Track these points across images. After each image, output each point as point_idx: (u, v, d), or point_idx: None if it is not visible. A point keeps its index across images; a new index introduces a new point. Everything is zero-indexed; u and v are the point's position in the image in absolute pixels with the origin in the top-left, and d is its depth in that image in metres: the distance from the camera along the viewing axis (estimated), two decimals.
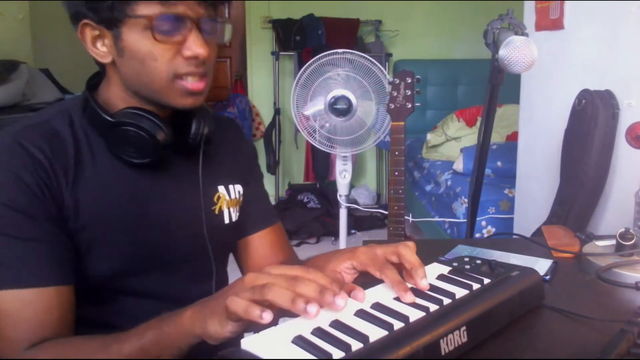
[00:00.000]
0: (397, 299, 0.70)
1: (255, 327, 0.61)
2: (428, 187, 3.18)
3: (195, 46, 0.78)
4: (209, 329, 0.63)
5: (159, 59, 0.78)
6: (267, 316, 0.59)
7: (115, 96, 0.85)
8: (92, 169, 0.82)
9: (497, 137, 3.15)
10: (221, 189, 0.96)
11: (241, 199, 1.00)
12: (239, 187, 0.99)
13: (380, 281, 0.74)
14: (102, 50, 0.81)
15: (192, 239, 0.90)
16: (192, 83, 0.81)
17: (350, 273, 0.78)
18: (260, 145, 4.29)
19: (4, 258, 0.74)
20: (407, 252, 0.74)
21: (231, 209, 0.97)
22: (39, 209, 0.76)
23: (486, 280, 0.76)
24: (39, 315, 0.74)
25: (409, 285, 0.72)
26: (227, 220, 0.96)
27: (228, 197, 0.96)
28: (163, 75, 0.79)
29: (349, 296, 0.68)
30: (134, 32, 0.77)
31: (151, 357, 0.68)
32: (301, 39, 4.06)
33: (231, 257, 1.06)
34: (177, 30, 0.78)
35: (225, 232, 0.96)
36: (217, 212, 0.94)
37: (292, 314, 0.62)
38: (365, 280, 0.76)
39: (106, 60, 0.82)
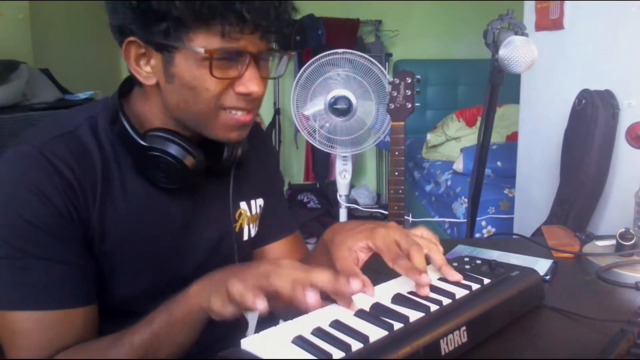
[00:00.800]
0: (397, 298, 0.70)
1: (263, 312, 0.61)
2: (428, 187, 3.18)
3: (251, 84, 0.74)
4: (212, 305, 0.63)
5: (211, 91, 0.73)
6: (261, 304, 0.59)
7: (151, 114, 0.80)
8: (119, 189, 0.78)
9: (497, 137, 3.15)
10: (243, 205, 0.93)
11: (260, 213, 0.98)
12: (260, 202, 0.97)
13: (380, 281, 0.74)
14: (145, 70, 0.76)
15: (217, 260, 0.87)
16: (240, 116, 0.77)
17: (365, 252, 0.76)
18: None
19: (24, 278, 0.71)
20: (433, 250, 0.75)
21: (251, 225, 0.95)
22: (64, 229, 0.73)
23: (486, 280, 0.76)
24: (53, 337, 0.72)
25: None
26: (246, 237, 0.94)
27: (249, 213, 0.94)
28: (211, 105, 0.75)
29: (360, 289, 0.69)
30: (188, 61, 0.72)
31: (163, 341, 0.68)
32: (301, 39, 4.06)
33: None
34: (235, 64, 0.73)
35: (244, 250, 0.94)
36: (237, 229, 0.92)
37: (293, 315, 0.62)
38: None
39: (150, 82, 0.76)
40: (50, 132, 0.76)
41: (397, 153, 1.69)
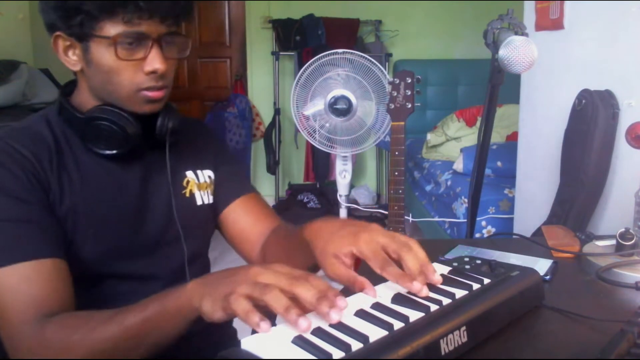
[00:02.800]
0: (397, 298, 0.70)
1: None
2: (428, 187, 3.18)
3: (155, 62, 0.86)
4: (203, 308, 0.67)
5: (122, 74, 0.87)
6: (265, 326, 0.59)
7: (86, 100, 0.93)
8: (71, 161, 0.90)
9: (497, 137, 3.15)
10: (189, 173, 1.03)
11: (213, 183, 1.07)
12: (208, 172, 1.06)
13: (380, 281, 0.74)
14: (72, 59, 0.90)
15: (164, 222, 0.98)
16: (152, 92, 0.89)
17: (350, 258, 0.75)
18: (260, 145, 4.29)
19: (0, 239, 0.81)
20: (415, 249, 0.74)
21: (202, 192, 1.04)
22: (30, 194, 0.84)
23: (486, 280, 0.76)
24: (39, 288, 0.79)
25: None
26: (199, 202, 1.03)
27: (197, 181, 1.04)
28: (126, 88, 0.88)
29: (361, 292, 0.70)
30: (100, 47, 0.85)
31: (152, 328, 0.72)
32: (301, 39, 4.06)
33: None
34: (139, 47, 0.86)
35: (199, 213, 1.03)
36: (187, 194, 1.02)
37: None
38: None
39: (76, 68, 0.91)
40: (11, 128, 0.91)
41: (397, 153, 1.69)
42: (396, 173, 1.69)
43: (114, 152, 0.91)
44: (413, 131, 3.33)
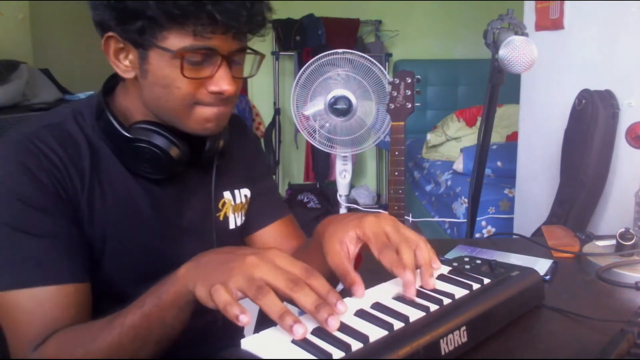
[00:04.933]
0: (397, 298, 0.70)
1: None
2: (428, 187, 3.18)
3: (222, 83, 0.76)
4: (197, 292, 0.63)
5: (182, 90, 0.76)
6: (244, 319, 0.57)
7: (134, 107, 0.83)
8: (106, 178, 0.81)
9: (497, 137, 3.15)
10: (227, 194, 0.95)
11: (247, 203, 0.99)
12: (245, 191, 0.98)
13: (378, 281, 0.74)
14: (124, 64, 0.79)
15: (197, 246, 0.88)
16: (214, 109, 0.79)
17: (355, 243, 0.74)
18: None
19: (19, 255, 0.73)
20: (421, 247, 0.72)
21: (236, 214, 0.97)
22: (55, 206, 0.75)
23: (486, 280, 0.76)
24: (53, 313, 0.73)
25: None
26: (232, 226, 0.96)
27: (233, 202, 0.96)
28: (185, 102, 0.77)
29: (350, 288, 0.68)
30: (162, 59, 0.74)
31: (153, 322, 0.68)
32: (301, 39, 4.05)
33: None
34: (206, 64, 0.76)
35: (230, 237, 0.96)
36: (221, 218, 0.95)
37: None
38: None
39: (128, 75, 0.79)
40: (36, 124, 0.80)
41: (397, 153, 1.69)
42: (396, 173, 1.69)
43: (159, 177, 0.83)
44: (413, 131, 3.33)
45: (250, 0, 0.74)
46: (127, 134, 0.80)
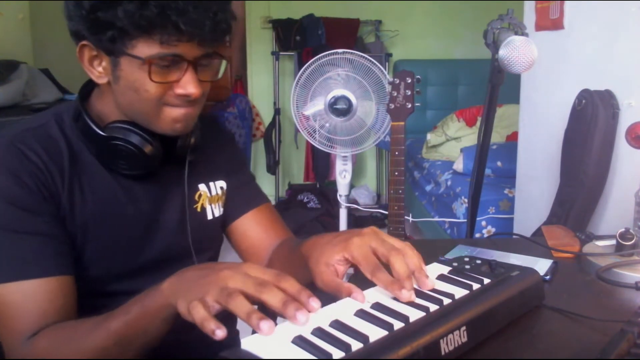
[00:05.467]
0: (397, 299, 0.70)
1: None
2: (428, 187, 3.18)
3: (189, 86, 0.81)
4: (179, 308, 0.66)
5: (151, 92, 0.81)
6: (220, 333, 0.60)
7: (109, 110, 0.88)
8: (85, 177, 0.86)
9: (497, 137, 3.15)
10: (202, 186, 1.00)
11: (224, 194, 1.04)
12: (221, 183, 1.03)
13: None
14: (97, 70, 0.84)
15: (175, 238, 0.95)
16: (182, 109, 0.84)
17: (343, 264, 0.76)
18: (260, 145, 4.28)
19: (7, 252, 0.79)
20: (407, 253, 0.73)
21: (213, 205, 1.01)
22: (39, 206, 0.80)
23: (486, 280, 0.76)
24: (42, 305, 0.78)
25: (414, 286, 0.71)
26: (210, 217, 1.01)
27: (209, 194, 1.01)
28: (154, 104, 0.82)
29: (349, 297, 0.69)
30: (132, 65, 0.80)
31: (136, 331, 0.71)
32: (301, 39, 4.06)
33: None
34: (173, 70, 0.81)
35: (209, 228, 1.01)
36: (199, 209, 0.99)
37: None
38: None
39: (102, 81, 0.85)
40: (20, 127, 0.86)
41: (397, 153, 1.69)
42: (396, 173, 1.69)
43: (135, 173, 0.88)
44: (413, 131, 3.33)
45: (213, 11, 0.78)
46: (102, 133, 0.85)
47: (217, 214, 1.02)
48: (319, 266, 0.76)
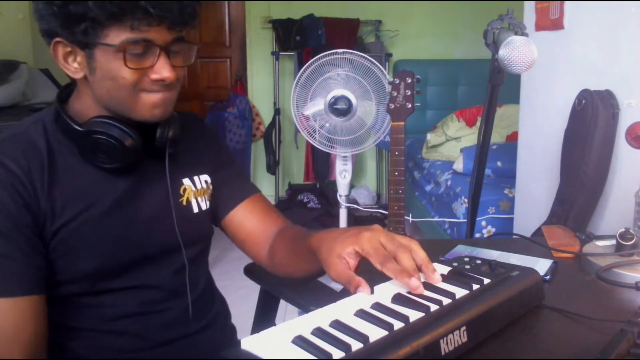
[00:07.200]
0: (397, 298, 0.70)
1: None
2: (428, 187, 3.18)
3: (163, 71, 0.83)
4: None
5: (128, 79, 0.83)
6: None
7: (86, 107, 0.89)
8: (65, 174, 0.87)
9: (497, 137, 3.15)
10: (186, 181, 1.01)
11: (210, 188, 1.04)
12: (205, 177, 1.04)
13: (379, 281, 0.74)
14: (73, 66, 0.86)
15: (162, 233, 0.96)
16: (156, 95, 0.86)
17: (354, 258, 0.78)
18: (260, 145, 4.28)
19: None
20: (414, 249, 0.76)
21: (199, 199, 1.02)
22: (11, 224, 0.80)
23: (486, 280, 0.76)
24: (11, 325, 0.79)
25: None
26: (196, 210, 1.01)
27: (194, 188, 1.01)
28: (131, 91, 0.84)
29: (356, 291, 0.73)
30: (107, 55, 0.81)
31: None
32: (301, 39, 4.05)
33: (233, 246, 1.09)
34: (146, 55, 0.83)
35: (196, 221, 1.01)
36: (184, 203, 1.00)
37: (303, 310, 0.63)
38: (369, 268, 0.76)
39: (78, 75, 0.86)
40: (4, 135, 0.88)
41: (397, 153, 1.69)
42: (396, 173, 1.69)
43: (115, 166, 0.89)
44: (413, 131, 3.32)
45: None
46: (81, 129, 0.87)
47: (203, 207, 1.02)
48: (331, 258, 0.78)
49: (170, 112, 0.90)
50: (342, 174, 2.71)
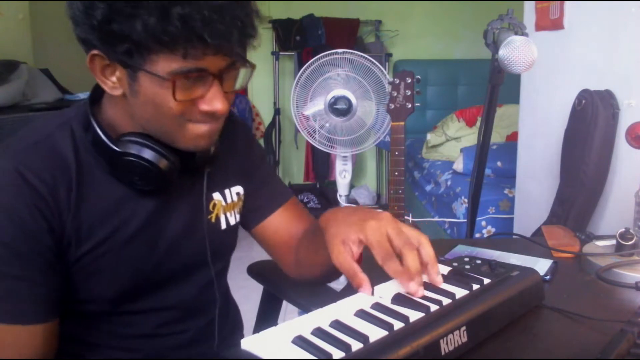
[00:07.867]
0: (397, 298, 0.70)
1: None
2: (428, 187, 3.18)
3: (215, 103, 0.74)
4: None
5: (174, 110, 0.74)
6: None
7: (121, 119, 0.81)
8: (93, 190, 0.79)
9: (497, 137, 3.15)
10: (216, 195, 0.94)
11: (241, 199, 0.98)
12: (237, 189, 0.97)
13: (380, 281, 0.74)
14: (111, 81, 0.75)
15: (189, 250, 0.90)
16: (203, 126, 0.77)
17: (357, 246, 0.74)
18: None
19: None
20: (423, 246, 0.73)
21: (228, 214, 0.95)
22: (29, 247, 0.73)
23: (486, 280, 0.76)
24: (25, 354, 0.74)
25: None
26: (223, 226, 0.95)
27: (224, 203, 0.95)
28: (176, 121, 0.76)
29: (358, 288, 0.71)
30: (153, 82, 0.72)
31: None
32: (301, 39, 4.05)
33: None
34: (197, 84, 0.73)
35: (222, 237, 0.95)
36: (213, 220, 0.93)
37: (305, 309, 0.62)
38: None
39: (116, 92, 0.76)
40: (26, 140, 0.78)
41: (397, 153, 1.69)
42: (396, 173, 1.69)
43: (149, 188, 0.81)
44: (413, 131, 3.32)
45: (240, 18, 0.71)
46: (115, 148, 0.77)
47: (232, 223, 0.96)
48: (335, 243, 0.74)
49: (215, 141, 0.83)
50: (342, 174, 2.71)
